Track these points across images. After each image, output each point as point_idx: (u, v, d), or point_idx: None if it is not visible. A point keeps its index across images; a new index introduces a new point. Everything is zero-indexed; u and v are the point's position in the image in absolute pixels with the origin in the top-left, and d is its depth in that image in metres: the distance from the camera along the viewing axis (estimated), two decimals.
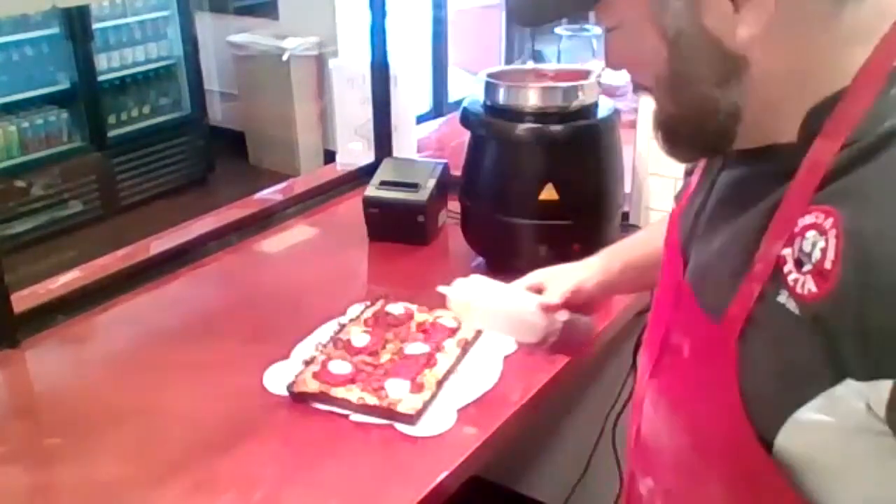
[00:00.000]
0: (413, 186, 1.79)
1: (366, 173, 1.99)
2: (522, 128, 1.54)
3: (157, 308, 1.61)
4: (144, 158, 4.48)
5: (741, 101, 0.68)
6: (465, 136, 1.67)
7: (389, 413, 1.21)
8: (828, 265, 0.59)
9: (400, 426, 1.21)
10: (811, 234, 0.61)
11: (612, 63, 0.76)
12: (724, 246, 0.73)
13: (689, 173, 0.90)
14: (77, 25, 3.97)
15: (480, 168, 1.63)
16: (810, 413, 0.63)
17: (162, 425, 1.25)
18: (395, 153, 2.13)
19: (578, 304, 1.12)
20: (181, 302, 1.64)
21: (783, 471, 0.66)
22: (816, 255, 0.61)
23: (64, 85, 4.14)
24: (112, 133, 4.34)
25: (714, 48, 0.66)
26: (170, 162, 4.60)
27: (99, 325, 1.55)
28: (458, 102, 1.78)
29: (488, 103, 1.61)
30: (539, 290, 1.14)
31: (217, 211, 2.01)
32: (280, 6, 4.73)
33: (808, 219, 0.62)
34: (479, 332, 1.41)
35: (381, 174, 1.86)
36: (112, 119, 4.37)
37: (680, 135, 0.73)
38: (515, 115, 1.55)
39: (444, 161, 1.88)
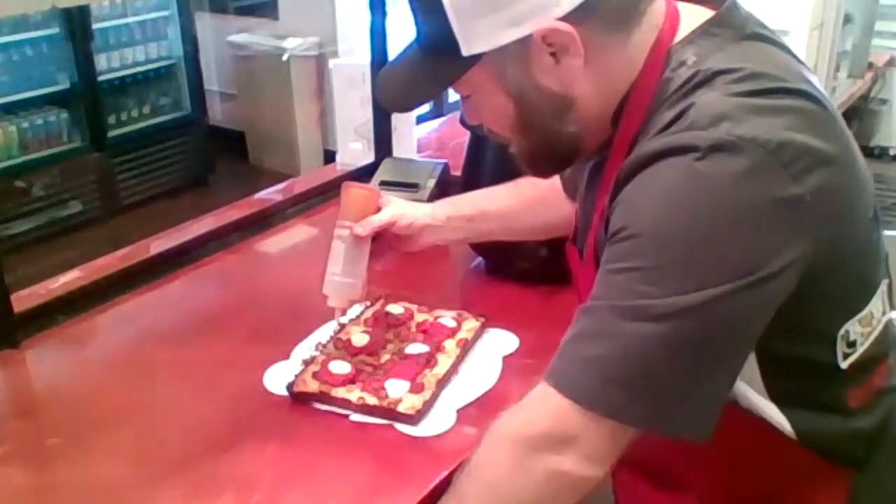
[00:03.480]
0: (413, 186, 1.79)
1: (366, 173, 1.99)
2: None
3: (158, 308, 1.61)
4: (144, 158, 4.48)
5: (575, 127, 0.88)
6: (465, 136, 1.67)
7: (389, 413, 1.21)
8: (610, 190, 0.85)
9: (400, 426, 1.21)
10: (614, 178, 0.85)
11: (472, 120, 0.96)
12: (585, 205, 0.98)
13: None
14: (77, 25, 3.97)
15: (480, 168, 1.63)
16: None
17: (162, 425, 1.25)
18: (395, 153, 2.12)
19: (396, 235, 1.28)
20: (181, 302, 1.64)
21: None
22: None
23: (64, 85, 4.14)
24: (112, 133, 4.34)
25: (547, 95, 0.85)
26: (170, 162, 4.60)
27: (99, 325, 1.55)
28: (458, 102, 1.77)
29: None
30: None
31: (217, 211, 2.01)
32: (280, 6, 4.72)
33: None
34: (479, 332, 1.41)
35: (381, 174, 1.85)
36: (112, 119, 4.37)
37: (539, 161, 0.96)
38: None
39: (444, 161, 1.88)
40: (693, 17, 0.86)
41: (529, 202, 1.31)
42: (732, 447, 0.86)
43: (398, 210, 1.28)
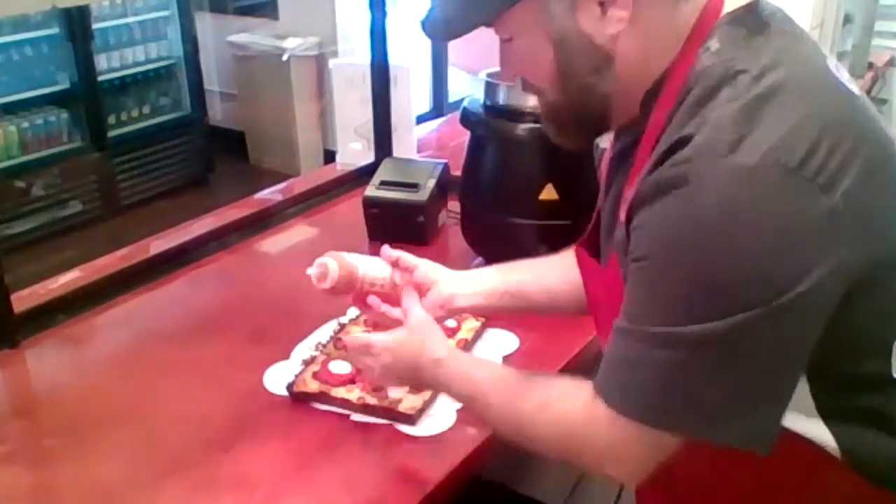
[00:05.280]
0: (413, 186, 1.79)
1: (366, 173, 1.99)
2: (522, 128, 1.54)
3: (157, 308, 1.61)
4: (144, 158, 4.47)
5: (611, 87, 0.86)
6: (465, 136, 1.67)
7: (390, 413, 1.21)
8: (629, 195, 0.83)
9: (400, 426, 1.21)
10: (639, 179, 0.83)
11: (509, 70, 0.95)
12: (607, 206, 0.96)
13: (598, 166, 1.11)
14: (77, 25, 3.97)
15: (480, 168, 1.63)
16: None
17: (162, 425, 1.25)
18: (395, 153, 2.13)
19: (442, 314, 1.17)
20: (181, 302, 1.64)
21: None
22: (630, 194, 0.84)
23: (64, 85, 4.13)
24: (112, 133, 4.34)
25: (588, 45, 0.84)
26: (170, 162, 4.60)
27: (99, 325, 1.55)
28: (458, 102, 1.77)
29: (488, 103, 1.61)
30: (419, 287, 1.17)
31: (217, 211, 2.01)
32: (280, 6, 4.72)
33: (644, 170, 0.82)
34: (479, 332, 1.41)
35: (381, 174, 1.85)
36: (112, 119, 4.36)
37: (567, 122, 0.93)
38: (515, 115, 1.55)
39: (444, 161, 1.88)
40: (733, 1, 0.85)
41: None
42: (770, 467, 0.85)
43: (446, 294, 1.18)
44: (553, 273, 1.20)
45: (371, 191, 1.81)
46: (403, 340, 1.09)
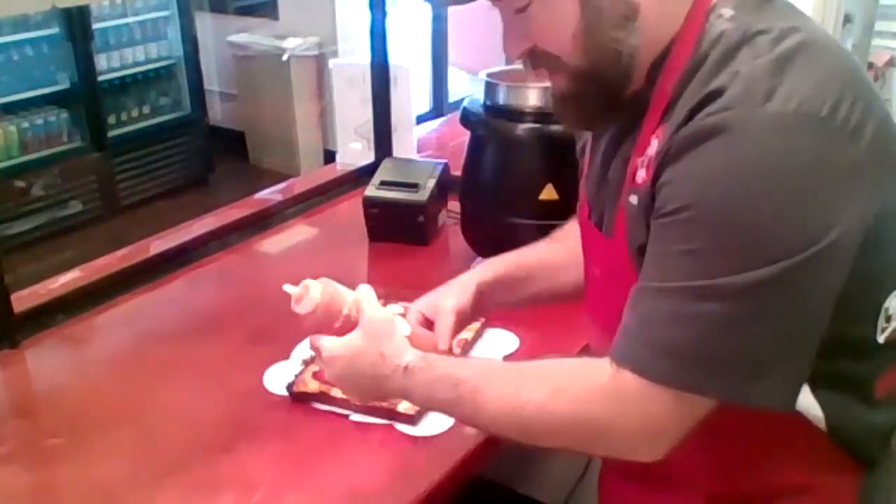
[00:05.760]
0: (413, 186, 1.79)
1: (366, 173, 1.98)
2: (522, 128, 1.54)
3: (157, 308, 1.61)
4: (144, 158, 4.48)
5: (637, 41, 0.84)
6: (465, 136, 1.67)
7: (390, 413, 1.21)
8: (652, 153, 0.82)
9: (400, 426, 1.21)
10: (653, 140, 0.83)
11: (520, 43, 0.88)
12: (611, 176, 0.93)
13: (581, 155, 1.10)
14: (77, 25, 3.97)
15: (480, 168, 1.63)
16: None
17: (162, 425, 1.25)
18: (395, 153, 2.12)
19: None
20: (181, 302, 1.64)
21: None
22: (650, 153, 0.83)
23: (64, 85, 4.14)
24: (112, 133, 4.34)
25: None
26: (170, 162, 4.60)
27: (99, 325, 1.55)
28: (458, 102, 1.77)
29: (488, 103, 1.61)
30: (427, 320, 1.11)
31: (217, 211, 2.01)
32: (280, 6, 4.72)
33: (656, 133, 0.83)
34: (479, 332, 1.41)
35: (381, 174, 1.85)
36: (112, 119, 4.37)
37: (585, 92, 0.87)
38: (515, 115, 1.55)
39: (444, 161, 1.88)
40: None
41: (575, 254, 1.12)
42: (745, 435, 0.86)
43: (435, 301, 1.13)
44: (546, 253, 1.18)
45: (371, 191, 1.81)
46: (356, 347, 0.96)
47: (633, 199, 0.85)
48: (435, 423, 1.21)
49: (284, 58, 4.51)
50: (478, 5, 0.88)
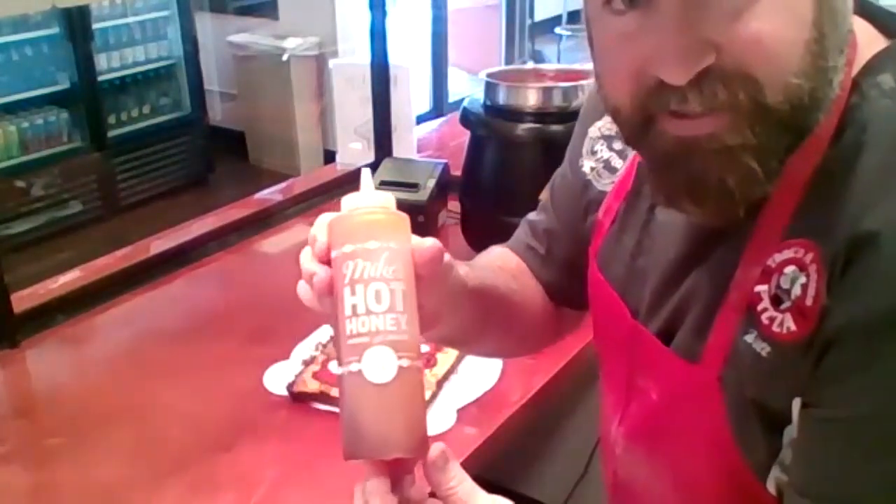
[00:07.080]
0: (413, 186, 1.79)
1: None
2: (522, 128, 1.54)
3: (157, 308, 1.61)
4: (144, 158, 4.47)
5: (843, 67, 0.58)
6: (465, 136, 1.67)
7: None
8: (809, 302, 0.57)
9: None
10: (790, 269, 0.58)
11: (715, 45, 0.53)
12: (695, 286, 0.68)
13: (592, 207, 0.86)
14: (77, 25, 3.97)
15: (480, 168, 1.63)
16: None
17: (162, 425, 1.25)
18: (395, 153, 2.12)
19: None
20: (181, 302, 1.64)
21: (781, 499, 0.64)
22: (797, 291, 0.58)
23: (64, 85, 4.13)
24: (112, 133, 4.34)
25: (846, 7, 0.57)
26: (170, 162, 4.60)
27: (99, 325, 1.55)
28: (458, 102, 1.77)
29: (488, 103, 1.61)
30: None
31: (217, 211, 2.01)
32: (280, 6, 4.72)
33: (785, 254, 0.59)
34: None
35: (381, 174, 1.85)
36: (112, 119, 4.36)
37: (777, 150, 0.57)
38: (515, 115, 1.55)
39: (444, 161, 1.88)
40: (869, 41, 0.62)
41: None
42: None
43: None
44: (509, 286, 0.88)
45: None
46: None
47: (761, 348, 0.61)
48: (435, 423, 1.21)
49: (284, 58, 4.51)
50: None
